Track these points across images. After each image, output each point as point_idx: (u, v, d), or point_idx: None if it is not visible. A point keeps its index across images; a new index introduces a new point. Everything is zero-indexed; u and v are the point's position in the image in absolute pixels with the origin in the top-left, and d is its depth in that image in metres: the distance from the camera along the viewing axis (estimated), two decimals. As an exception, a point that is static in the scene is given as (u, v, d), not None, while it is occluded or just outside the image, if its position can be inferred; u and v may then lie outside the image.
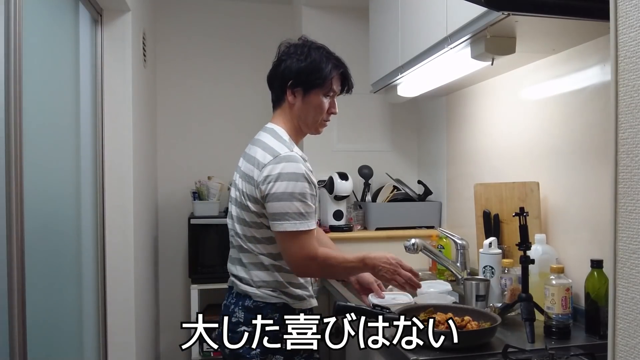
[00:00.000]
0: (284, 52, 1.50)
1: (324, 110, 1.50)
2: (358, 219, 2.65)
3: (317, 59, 1.46)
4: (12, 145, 1.23)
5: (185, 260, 3.08)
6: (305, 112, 1.49)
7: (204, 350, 2.86)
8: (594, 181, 1.53)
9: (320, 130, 1.56)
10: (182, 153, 3.16)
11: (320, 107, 1.49)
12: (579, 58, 1.58)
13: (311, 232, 1.41)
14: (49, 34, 1.65)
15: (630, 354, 0.72)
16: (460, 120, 2.37)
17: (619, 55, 0.75)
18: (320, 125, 1.54)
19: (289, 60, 1.47)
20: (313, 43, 1.50)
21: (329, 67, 1.47)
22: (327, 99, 1.50)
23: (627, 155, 0.73)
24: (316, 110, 1.49)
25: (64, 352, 1.76)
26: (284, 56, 1.49)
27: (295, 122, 1.52)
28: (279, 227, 1.38)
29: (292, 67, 1.46)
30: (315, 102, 1.48)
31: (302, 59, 1.45)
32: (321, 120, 1.52)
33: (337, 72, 1.50)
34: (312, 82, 1.45)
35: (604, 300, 1.36)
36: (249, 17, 3.26)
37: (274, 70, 1.51)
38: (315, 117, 1.51)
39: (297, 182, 1.37)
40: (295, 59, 1.46)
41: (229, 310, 1.53)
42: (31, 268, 1.32)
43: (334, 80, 1.49)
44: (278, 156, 1.39)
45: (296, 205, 1.37)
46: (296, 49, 1.48)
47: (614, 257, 0.75)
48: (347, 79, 1.54)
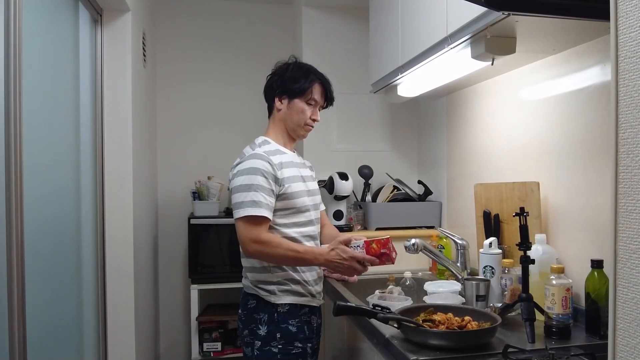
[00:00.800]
0: (276, 69, 1.80)
1: (307, 116, 1.75)
2: (358, 219, 2.65)
3: (299, 73, 1.75)
4: (12, 146, 1.23)
5: (185, 260, 3.09)
6: (290, 116, 1.76)
7: (204, 350, 2.87)
8: (594, 181, 1.53)
9: (305, 135, 1.82)
10: (182, 153, 3.16)
11: (303, 112, 1.75)
12: (579, 58, 1.58)
13: (261, 218, 1.60)
14: (48, 34, 1.65)
15: (631, 354, 0.72)
16: (460, 120, 2.37)
17: (619, 56, 0.75)
18: (303, 129, 1.78)
19: (277, 74, 1.78)
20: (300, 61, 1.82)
21: (309, 78, 1.75)
22: (309, 107, 1.76)
23: (627, 155, 0.73)
24: (299, 115, 1.75)
25: (64, 352, 1.76)
26: (276, 71, 1.79)
27: (282, 125, 1.79)
28: (235, 215, 1.62)
29: (279, 79, 1.76)
30: (297, 108, 1.75)
31: (288, 72, 1.76)
32: (304, 124, 1.77)
33: (318, 84, 1.76)
34: (295, 90, 1.74)
35: (604, 300, 1.36)
36: (249, 17, 3.26)
37: (267, 83, 1.81)
38: (299, 121, 1.76)
39: (253, 176, 1.61)
40: (282, 72, 1.77)
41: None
42: (31, 268, 1.32)
43: (314, 91, 1.75)
44: (242, 157, 1.69)
45: (250, 195, 1.60)
46: (285, 65, 1.79)
47: (614, 257, 0.75)
48: (327, 90, 1.80)
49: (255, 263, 1.70)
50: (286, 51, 3.14)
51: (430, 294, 1.74)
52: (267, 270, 1.68)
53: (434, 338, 1.31)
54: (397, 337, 1.38)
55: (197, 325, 2.84)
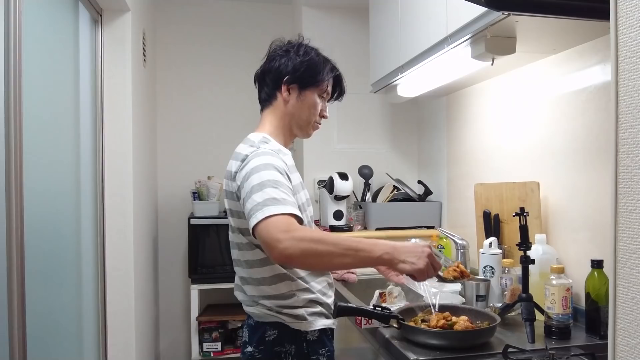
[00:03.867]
0: (278, 48, 1.44)
1: (318, 111, 1.44)
2: (358, 219, 2.65)
3: (315, 58, 1.43)
4: (12, 146, 1.23)
5: (185, 261, 3.08)
6: (299, 110, 1.42)
7: (204, 350, 2.87)
8: (594, 181, 1.53)
9: (311, 133, 1.48)
10: (182, 153, 3.16)
11: (315, 106, 1.43)
12: (579, 58, 1.58)
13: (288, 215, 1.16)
14: (48, 34, 1.65)
15: (631, 354, 0.72)
16: (460, 120, 2.37)
17: (619, 56, 0.75)
18: (312, 127, 1.46)
19: (285, 56, 1.41)
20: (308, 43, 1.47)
21: (326, 67, 1.44)
22: (321, 101, 1.45)
23: (627, 155, 0.73)
24: (310, 110, 1.42)
25: (64, 352, 1.76)
26: (280, 52, 1.43)
27: (286, 121, 1.43)
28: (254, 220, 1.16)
29: (288, 63, 1.40)
30: (310, 101, 1.42)
31: (300, 55, 1.41)
32: (314, 122, 1.45)
33: (333, 75, 1.47)
34: (309, 80, 1.40)
35: (604, 300, 1.36)
36: (249, 17, 3.26)
37: (266, 65, 1.44)
38: (309, 117, 1.43)
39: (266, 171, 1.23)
40: (292, 55, 1.41)
41: None
42: (31, 268, 1.32)
43: (329, 82, 1.46)
44: (245, 159, 1.30)
45: (268, 191, 1.18)
46: (293, 46, 1.43)
47: (614, 257, 0.75)
48: (340, 83, 1.51)
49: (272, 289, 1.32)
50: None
51: (429, 294, 1.74)
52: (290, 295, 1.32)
53: (433, 338, 1.31)
54: (397, 337, 1.38)
55: (197, 325, 2.84)
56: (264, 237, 1.14)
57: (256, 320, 1.35)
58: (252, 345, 1.34)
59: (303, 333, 1.32)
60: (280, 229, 1.12)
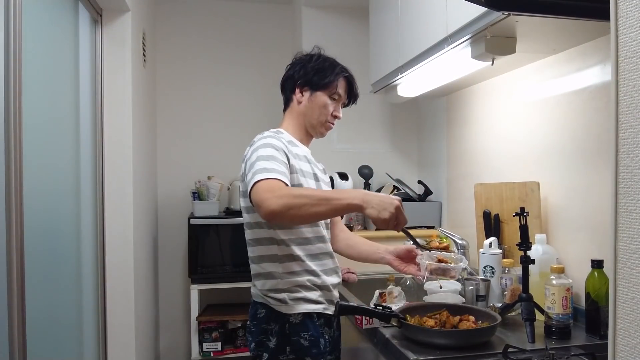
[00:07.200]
0: (297, 58, 1.64)
1: (329, 111, 1.58)
2: (358, 219, 2.65)
3: (324, 63, 1.59)
4: (12, 146, 1.23)
5: (185, 260, 3.08)
6: (311, 111, 1.58)
7: (204, 350, 2.87)
8: (594, 181, 1.53)
9: (324, 133, 1.63)
10: (182, 153, 3.16)
11: (325, 107, 1.57)
12: (579, 58, 1.58)
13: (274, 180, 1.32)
14: (48, 34, 1.65)
15: (631, 354, 0.72)
16: (460, 120, 2.37)
17: (619, 55, 0.75)
18: (324, 127, 1.61)
19: (299, 64, 1.61)
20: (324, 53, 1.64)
21: (335, 70, 1.58)
22: (332, 102, 1.59)
23: (627, 155, 0.73)
24: (321, 110, 1.58)
25: (64, 352, 1.76)
26: (297, 61, 1.63)
27: (300, 120, 1.60)
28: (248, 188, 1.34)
29: (302, 69, 1.59)
30: (320, 102, 1.57)
31: (312, 61, 1.59)
32: (325, 122, 1.59)
33: (343, 77, 1.60)
34: (319, 83, 1.56)
35: (604, 300, 1.36)
36: (249, 17, 3.26)
37: (286, 74, 1.64)
38: (320, 118, 1.58)
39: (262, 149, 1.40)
40: (306, 62, 1.60)
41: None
42: (31, 268, 1.32)
43: (339, 85, 1.59)
44: (253, 144, 1.48)
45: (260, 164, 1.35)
46: (307, 55, 1.63)
47: (614, 257, 0.75)
48: (352, 86, 1.63)
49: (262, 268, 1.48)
50: (286, 51, 3.16)
51: (430, 294, 1.75)
52: (275, 276, 1.47)
53: (434, 337, 1.31)
54: (397, 337, 1.38)
55: (197, 325, 2.84)
56: (254, 200, 1.31)
57: (252, 300, 1.55)
58: (250, 319, 1.54)
59: (285, 315, 1.46)
60: (265, 189, 1.28)
